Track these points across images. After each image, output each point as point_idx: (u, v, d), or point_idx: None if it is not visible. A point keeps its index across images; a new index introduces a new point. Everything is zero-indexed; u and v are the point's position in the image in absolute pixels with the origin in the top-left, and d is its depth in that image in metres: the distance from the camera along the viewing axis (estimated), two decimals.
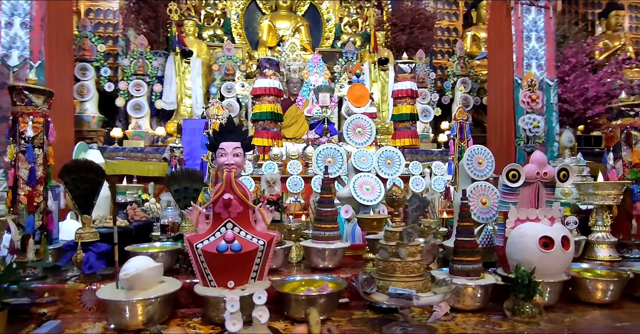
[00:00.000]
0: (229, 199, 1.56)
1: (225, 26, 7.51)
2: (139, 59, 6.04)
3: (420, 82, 6.83)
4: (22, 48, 4.10)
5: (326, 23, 7.83)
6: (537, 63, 5.12)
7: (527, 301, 1.63)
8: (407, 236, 1.47)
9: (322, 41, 7.80)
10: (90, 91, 5.79)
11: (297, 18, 7.53)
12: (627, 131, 2.29)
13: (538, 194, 1.84)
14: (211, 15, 7.59)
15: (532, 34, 5.14)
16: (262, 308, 1.34)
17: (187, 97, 6.33)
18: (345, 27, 7.97)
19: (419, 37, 7.24)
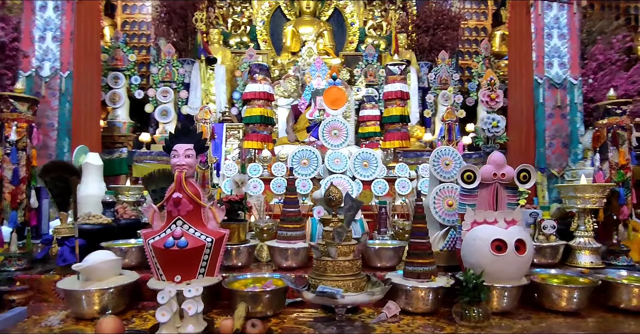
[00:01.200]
0: (177, 198, 1.66)
1: (251, 33, 7.73)
2: (166, 67, 6.37)
3: (443, 83, 6.73)
4: (53, 60, 4.47)
5: (350, 27, 7.87)
6: (560, 61, 4.90)
7: (473, 306, 1.60)
8: (338, 235, 1.49)
9: (346, 45, 7.84)
10: (122, 98, 6.16)
11: (321, 23, 7.62)
12: (613, 131, 2.17)
13: (497, 196, 1.80)
14: (238, 23, 7.84)
15: (554, 31, 4.92)
16: (191, 301, 1.42)
17: (212, 102, 6.58)
18: (369, 30, 7.98)
19: (443, 38, 7.11)
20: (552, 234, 2.12)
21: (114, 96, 6.12)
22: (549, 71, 4.87)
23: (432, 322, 1.66)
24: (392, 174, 2.96)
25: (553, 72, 4.88)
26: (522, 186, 1.79)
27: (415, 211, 1.80)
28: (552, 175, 4.82)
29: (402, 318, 1.70)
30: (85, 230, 2.06)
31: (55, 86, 4.44)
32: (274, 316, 1.70)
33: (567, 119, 4.86)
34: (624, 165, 2.15)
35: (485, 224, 1.77)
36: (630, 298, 1.74)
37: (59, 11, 4.50)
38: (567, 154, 4.82)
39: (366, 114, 3.80)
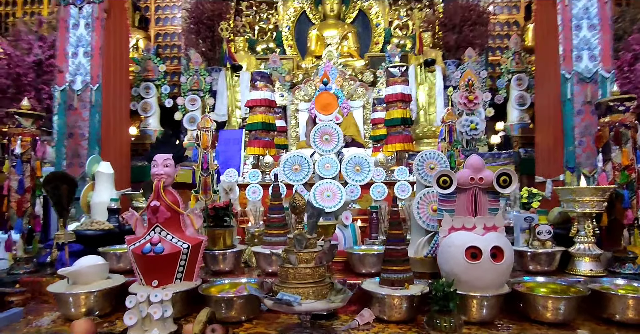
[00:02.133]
0: (155, 206, 1.74)
1: (277, 39, 7.87)
2: (194, 76, 6.61)
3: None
4: (84, 74, 4.76)
5: (375, 28, 7.82)
6: (590, 54, 4.62)
7: (444, 315, 1.55)
8: (298, 243, 1.50)
9: (372, 46, 7.80)
10: (153, 107, 6.46)
11: (345, 26, 7.63)
12: (615, 129, 2.03)
13: (476, 201, 1.73)
14: (264, 30, 8.00)
15: (583, 23, 4.65)
16: (157, 305, 1.48)
17: (238, 108, 6.75)
18: (395, 30, 7.89)
19: (470, 34, 6.90)
20: (548, 240, 2.02)
21: (145, 105, 6.44)
22: (578, 65, 4.60)
23: (405, 331, 1.63)
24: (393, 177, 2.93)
25: (582, 65, 4.60)
26: (502, 191, 1.72)
27: (391, 217, 1.78)
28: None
29: (374, 326, 1.68)
30: (87, 236, 2.20)
31: (86, 99, 4.73)
32: (248, 321, 1.73)
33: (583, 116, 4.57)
34: (628, 166, 2.00)
35: (463, 230, 1.71)
36: (625, 310, 1.63)
37: (89, 28, 4.79)
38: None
39: (377, 117, 3.77)
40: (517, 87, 6.38)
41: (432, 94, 6.77)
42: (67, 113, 4.67)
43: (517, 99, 6.37)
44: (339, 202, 2.27)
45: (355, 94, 6.05)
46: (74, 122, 4.67)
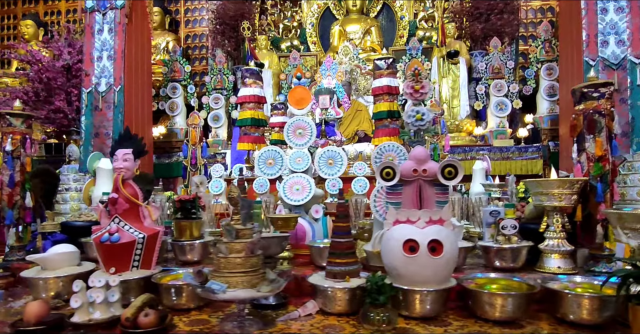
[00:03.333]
0: (113, 198, 1.84)
1: (301, 36, 7.93)
2: (218, 75, 6.82)
3: (496, 72, 6.28)
4: (108, 76, 5.06)
5: (400, 21, 7.68)
6: (617, 39, 4.30)
7: (378, 308, 1.54)
8: (228, 233, 1.55)
9: (396, 39, 7.68)
10: (179, 106, 6.74)
11: (368, 20, 7.55)
12: (588, 117, 1.89)
13: (421, 194, 1.69)
14: (289, 28, 8.09)
15: (610, 5, 4.33)
16: (99, 290, 1.59)
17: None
18: (420, 22, 7.71)
19: (498, 23, 6.61)
20: (513, 235, 1.92)
21: (172, 105, 6.72)
22: (604, 51, 4.29)
23: (341, 323, 1.63)
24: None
25: (608, 51, 4.29)
26: (447, 183, 1.66)
27: (337, 210, 1.78)
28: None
29: (314, 317, 1.70)
30: (75, 226, 2.37)
31: (110, 100, 5.02)
32: (197, 309, 1.80)
33: (628, 104, 4.24)
34: (602, 156, 1.86)
35: (409, 223, 1.68)
36: (580, 310, 1.53)
37: (112, 33, 5.08)
38: (627, 144, 4.21)
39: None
40: (546, 77, 6.04)
41: (456, 86, 6.58)
42: (93, 114, 4.99)
43: (546, 89, 6.04)
44: (307, 196, 2.28)
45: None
46: (100, 122, 4.98)
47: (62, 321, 1.58)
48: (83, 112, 4.97)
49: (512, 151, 5.84)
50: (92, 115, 4.98)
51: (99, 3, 5.10)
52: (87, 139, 4.96)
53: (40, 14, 7.85)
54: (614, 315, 1.51)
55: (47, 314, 1.60)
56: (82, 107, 4.97)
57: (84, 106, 4.97)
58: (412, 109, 1.80)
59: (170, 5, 8.02)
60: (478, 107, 6.37)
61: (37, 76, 4.72)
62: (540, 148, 5.86)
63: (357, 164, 2.74)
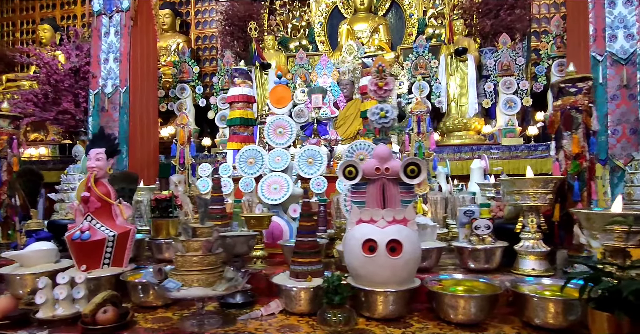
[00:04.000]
0: (84, 196, 1.88)
1: (309, 36, 7.93)
2: (225, 76, 6.89)
3: (505, 70, 6.15)
4: (114, 78, 5.17)
5: (409, 18, 7.60)
6: (626, 33, 4.14)
7: (333, 308, 1.52)
8: (184, 232, 1.55)
9: (405, 38, 7.60)
10: (187, 107, 6.83)
11: (376, 18, 7.50)
12: (565, 113, 1.82)
13: (384, 193, 1.66)
14: (297, 27, 8.10)
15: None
16: (63, 287, 1.62)
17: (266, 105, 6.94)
18: (430, 19, 7.61)
19: (508, 19, 6.46)
20: (486, 236, 1.87)
21: (181, 106, 6.81)
22: (612, 45, 4.14)
23: (301, 323, 1.61)
24: None
25: (617, 46, 4.14)
26: (410, 181, 1.62)
27: (302, 209, 1.76)
28: (616, 167, 4.08)
29: (277, 316, 1.69)
30: (60, 225, 2.42)
31: (116, 101, 5.14)
32: (165, 307, 1.82)
33: (638, 101, 4.07)
34: (579, 154, 1.78)
35: (372, 222, 1.65)
36: (544, 313, 1.47)
37: (118, 35, 5.19)
38: (637, 141, 4.04)
39: None
40: (557, 73, 5.88)
41: (464, 84, 6.45)
42: (100, 114, 5.11)
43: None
44: (284, 195, 2.27)
45: None
46: (106, 122, 5.09)
47: (28, 316, 1.62)
48: (90, 113, 5.09)
49: (521, 150, 5.71)
50: (98, 116, 5.11)
51: (106, 6, 5.22)
52: None
53: (57, 19, 8.09)
54: (581, 319, 1.45)
55: (14, 310, 1.64)
56: (90, 108, 5.10)
57: (91, 107, 5.10)
58: (376, 106, 1.76)
59: (181, 8, 8.14)
60: (487, 105, 6.24)
61: (46, 79, 4.86)
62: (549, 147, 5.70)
63: None
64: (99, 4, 5.23)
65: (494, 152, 5.77)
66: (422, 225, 1.97)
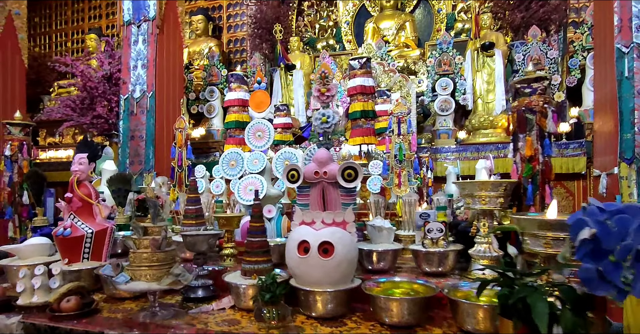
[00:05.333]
0: (67, 197, 2.08)
1: (337, 35, 7.99)
2: (252, 77, 7.11)
3: (535, 64, 5.86)
4: (142, 83, 5.52)
5: (437, 14, 7.45)
6: None
7: (268, 306, 1.59)
8: (135, 230, 1.69)
9: (433, 34, 7.46)
10: (216, 109, 7.11)
11: (402, 15, 7.41)
12: (519, 115, 1.77)
13: (324, 196, 1.71)
14: (324, 27, 8.18)
15: None
16: (39, 277, 1.82)
17: (292, 106, 7.08)
18: (460, 14, 7.41)
19: (540, 11, 6.16)
20: (440, 239, 1.86)
21: (210, 108, 7.12)
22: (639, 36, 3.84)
23: (244, 318, 1.71)
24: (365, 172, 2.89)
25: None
26: (347, 185, 1.65)
27: (252, 211, 1.85)
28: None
29: (226, 311, 1.79)
30: None
31: (143, 105, 5.48)
32: (133, 299, 1.98)
33: None
34: (532, 157, 1.72)
35: (312, 224, 1.71)
36: (470, 318, 1.46)
37: (145, 43, 5.53)
38: None
39: (377, 109, 3.70)
40: (592, 66, 5.52)
41: (491, 80, 6.23)
42: (129, 118, 5.48)
43: (592, 80, 5.53)
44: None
45: (395, 86, 5.88)
46: (135, 125, 5.45)
47: (10, 303, 1.84)
48: (121, 117, 5.47)
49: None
50: (128, 119, 5.47)
51: (134, 16, 5.57)
52: (124, 142, 5.45)
53: (102, 28, 8.70)
54: None
55: (1, 296, 1.87)
56: (120, 112, 5.48)
57: (122, 111, 5.48)
58: (319, 111, 1.81)
59: (213, 13, 8.47)
60: None
61: (82, 86, 5.28)
62: (583, 144, 5.40)
63: None
64: (128, 15, 5.60)
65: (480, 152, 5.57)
66: (378, 227, 1.99)
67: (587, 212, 1.13)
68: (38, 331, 1.68)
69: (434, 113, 6.20)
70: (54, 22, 9.05)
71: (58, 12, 9.06)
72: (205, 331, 1.57)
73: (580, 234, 1.09)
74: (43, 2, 8.84)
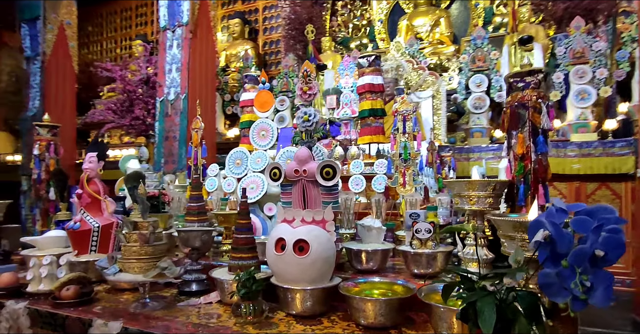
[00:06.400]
0: (77, 193, 2.22)
1: (370, 34, 7.93)
2: (284, 78, 7.21)
3: (577, 57, 5.52)
4: (176, 86, 5.77)
5: (474, 8, 7.20)
6: None
7: (244, 301, 1.62)
8: (125, 225, 1.77)
9: (470, 29, 7.22)
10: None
11: (437, 11, 7.23)
12: (511, 110, 1.67)
13: (305, 194, 1.71)
14: (358, 27, 8.14)
15: None
16: (46, 267, 1.96)
17: (323, 106, 7.11)
18: (498, 7, 7.12)
19: (584, 0, 5.81)
20: (428, 239, 1.80)
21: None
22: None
23: (227, 313, 1.74)
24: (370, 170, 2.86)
25: None
26: (325, 183, 1.64)
27: (240, 208, 1.89)
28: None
29: (213, 305, 1.84)
30: None
31: (177, 107, 5.72)
32: (133, 290, 2.07)
33: None
34: (524, 155, 1.62)
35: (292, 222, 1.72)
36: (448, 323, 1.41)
37: (179, 47, 5.78)
38: None
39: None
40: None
41: None
42: (165, 120, 5.74)
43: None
44: (259, 194, 2.41)
45: (424, 84, 5.74)
46: (169, 127, 5.71)
47: (20, 289, 1.99)
48: (157, 119, 5.75)
49: (594, 147, 5.09)
50: (163, 121, 5.74)
51: (170, 22, 5.83)
52: (160, 142, 5.72)
53: (147, 35, 9.16)
54: None
55: (15, 284, 2.03)
56: (156, 114, 5.76)
57: (158, 113, 5.75)
58: (301, 110, 1.80)
59: (250, 16, 8.69)
60: (555, 97, 5.66)
61: (122, 89, 5.60)
62: (632, 142, 5.02)
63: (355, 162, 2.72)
64: (164, 21, 5.87)
65: (560, 149, 5.24)
66: (367, 227, 1.96)
67: (546, 213, 1.06)
68: (40, 316, 1.81)
69: (468, 111, 5.99)
70: (105, 30, 9.63)
71: (108, 20, 9.64)
72: (185, 323, 1.62)
73: (535, 237, 1.03)
74: (95, 12, 9.44)
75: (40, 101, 6.67)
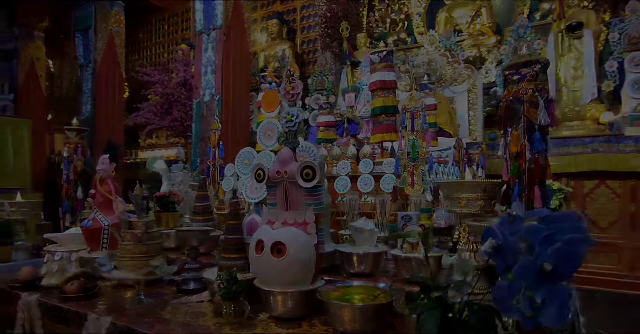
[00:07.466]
0: (91, 193, 2.35)
1: (408, 28, 7.74)
2: (319, 76, 7.20)
3: (634, 44, 5.05)
4: (211, 88, 5.94)
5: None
6: None
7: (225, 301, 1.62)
8: (122, 224, 1.84)
9: (515, 18, 6.82)
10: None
11: (477, 1, 6.90)
12: (505, 106, 1.54)
13: (287, 195, 1.68)
14: (396, 21, 7.96)
15: None
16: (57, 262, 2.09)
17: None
18: None
19: None
20: (419, 244, 1.71)
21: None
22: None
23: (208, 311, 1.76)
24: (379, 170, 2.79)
25: None
26: (304, 184, 1.60)
27: (230, 209, 1.90)
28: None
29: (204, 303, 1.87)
30: None
31: (212, 108, 5.90)
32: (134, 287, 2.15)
33: None
34: (519, 153, 1.49)
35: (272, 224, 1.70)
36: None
37: (214, 50, 5.94)
38: None
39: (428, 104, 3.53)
40: None
41: (579, 65, 5.52)
42: (201, 120, 5.94)
43: None
44: (262, 194, 2.41)
45: (460, 78, 5.49)
46: (205, 127, 5.89)
47: (34, 283, 2.14)
48: (193, 120, 5.96)
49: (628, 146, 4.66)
50: (200, 122, 5.94)
51: (205, 26, 6.02)
52: (196, 143, 5.93)
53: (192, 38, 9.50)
54: None
55: (33, 277, 2.18)
56: (193, 115, 5.97)
57: (194, 114, 5.96)
58: (286, 111, 1.77)
59: (288, 16, 8.76)
60: (608, 88, 5.21)
61: (161, 92, 5.86)
62: None
63: (364, 162, 2.66)
64: (200, 25, 6.06)
65: (612, 145, 4.83)
66: (359, 229, 1.90)
67: (500, 220, 0.96)
68: (48, 308, 1.93)
69: None
70: (154, 36, 10.12)
71: (157, 27, 10.11)
72: (169, 321, 1.65)
73: (483, 246, 0.94)
74: (145, 19, 9.94)
75: (91, 106, 7.15)
